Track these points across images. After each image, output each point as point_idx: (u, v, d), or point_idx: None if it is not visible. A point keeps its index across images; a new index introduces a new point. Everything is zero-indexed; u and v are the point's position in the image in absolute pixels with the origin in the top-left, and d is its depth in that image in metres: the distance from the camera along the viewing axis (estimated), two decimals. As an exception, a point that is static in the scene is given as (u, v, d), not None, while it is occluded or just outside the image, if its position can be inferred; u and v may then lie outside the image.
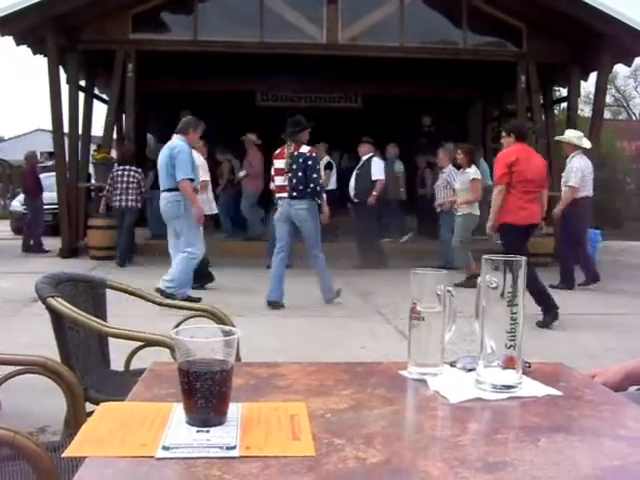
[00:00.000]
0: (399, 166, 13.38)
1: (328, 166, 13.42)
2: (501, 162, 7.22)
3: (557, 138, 10.37)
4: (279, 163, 7.85)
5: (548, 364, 1.67)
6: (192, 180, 7.71)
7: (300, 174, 7.60)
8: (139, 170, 11.67)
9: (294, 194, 7.63)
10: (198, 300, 6.90)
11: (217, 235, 13.06)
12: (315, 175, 7.66)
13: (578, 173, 9.18)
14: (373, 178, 11.04)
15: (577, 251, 9.55)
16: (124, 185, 11.41)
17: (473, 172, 9.81)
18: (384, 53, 12.72)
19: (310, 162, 7.65)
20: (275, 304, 7.68)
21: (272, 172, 8.04)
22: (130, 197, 11.41)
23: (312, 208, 7.73)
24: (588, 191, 9.41)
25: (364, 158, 11.17)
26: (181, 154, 7.62)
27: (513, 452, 1.13)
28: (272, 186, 8.15)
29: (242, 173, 13.27)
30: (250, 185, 13.07)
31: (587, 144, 9.49)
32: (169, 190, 7.73)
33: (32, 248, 13.34)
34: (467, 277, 8.98)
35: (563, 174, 9.52)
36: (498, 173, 7.19)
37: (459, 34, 12.91)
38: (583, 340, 6.50)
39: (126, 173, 11.47)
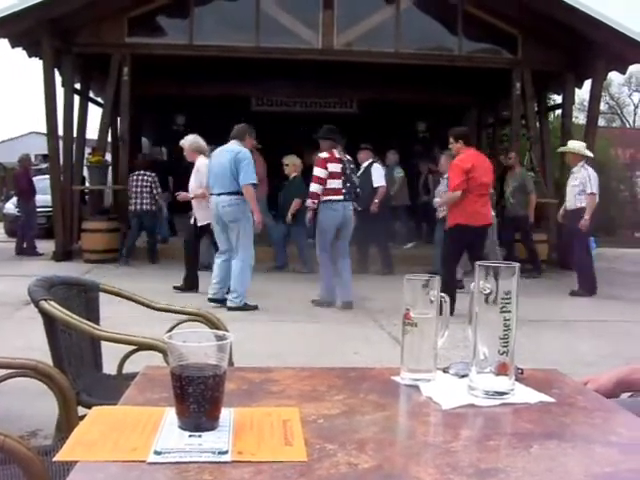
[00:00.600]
0: (398, 172, 13.37)
1: None
2: (459, 169, 7.53)
3: (562, 149, 10.42)
4: (335, 167, 8.04)
5: (541, 370, 1.67)
6: (255, 185, 7.87)
7: (354, 178, 8.22)
8: (152, 174, 11.96)
9: (348, 197, 8.09)
10: (255, 308, 7.82)
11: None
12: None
13: (595, 181, 9.42)
14: (374, 185, 11.00)
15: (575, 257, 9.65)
16: (138, 190, 11.83)
17: None
18: (379, 59, 12.75)
19: (354, 167, 8.31)
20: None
21: (322, 175, 8.01)
22: (145, 201, 11.83)
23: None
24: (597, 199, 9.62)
25: (364, 165, 11.11)
26: (247, 159, 7.73)
27: (505, 459, 1.12)
28: (318, 189, 8.07)
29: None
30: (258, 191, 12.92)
31: (590, 153, 9.70)
32: (230, 193, 7.75)
33: (25, 251, 13.31)
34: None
35: (573, 184, 9.58)
36: (457, 180, 7.51)
37: (454, 41, 12.94)
38: (578, 347, 6.51)
39: (140, 178, 11.87)
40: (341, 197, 8.01)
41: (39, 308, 2.47)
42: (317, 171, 8.01)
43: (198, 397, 1.13)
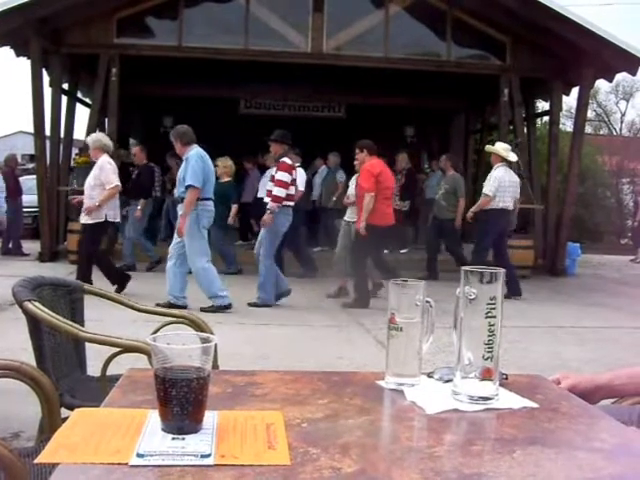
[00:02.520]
0: (341, 176, 13.21)
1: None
2: (369, 173, 8.38)
3: (486, 148, 10.42)
4: (293, 174, 8.38)
5: (525, 376, 1.68)
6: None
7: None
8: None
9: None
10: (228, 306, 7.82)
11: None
12: None
13: (495, 182, 9.32)
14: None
15: (499, 262, 9.24)
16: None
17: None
18: (368, 63, 12.77)
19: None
20: None
21: (288, 180, 8.18)
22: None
23: None
24: (505, 202, 9.43)
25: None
26: (191, 162, 7.74)
27: (489, 463, 1.13)
28: (283, 194, 8.17)
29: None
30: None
31: (513, 157, 9.66)
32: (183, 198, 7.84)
33: (11, 251, 13.23)
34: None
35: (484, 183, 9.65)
36: (369, 183, 8.34)
37: (443, 46, 12.98)
38: (562, 352, 6.53)
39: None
40: (292, 203, 8.30)
41: (23, 309, 2.45)
42: (283, 175, 8.11)
43: (182, 400, 1.13)
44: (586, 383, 1.71)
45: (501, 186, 9.34)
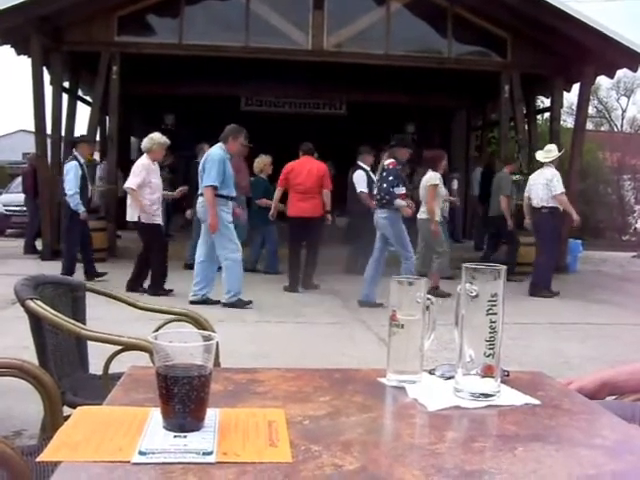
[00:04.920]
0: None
1: None
2: (282, 172, 9.83)
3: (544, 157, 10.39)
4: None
5: (527, 373, 1.68)
6: (216, 188, 8.00)
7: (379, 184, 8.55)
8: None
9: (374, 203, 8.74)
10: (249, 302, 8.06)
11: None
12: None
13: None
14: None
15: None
16: None
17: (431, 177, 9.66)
18: (369, 60, 12.76)
19: (385, 174, 8.47)
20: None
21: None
22: None
23: None
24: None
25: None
26: (210, 162, 7.95)
27: (490, 460, 1.13)
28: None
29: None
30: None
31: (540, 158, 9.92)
32: (202, 195, 8.07)
33: (31, 249, 13.12)
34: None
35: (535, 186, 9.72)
36: (279, 179, 9.88)
37: (444, 43, 12.97)
38: (563, 349, 6.53)
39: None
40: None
41: (25, 307, 2.46)
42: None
43: (183, 397, 1.13)
44: (592, 383, 1.71)
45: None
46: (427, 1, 12.70)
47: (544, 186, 9.59)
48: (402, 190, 8.36)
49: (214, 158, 7.91)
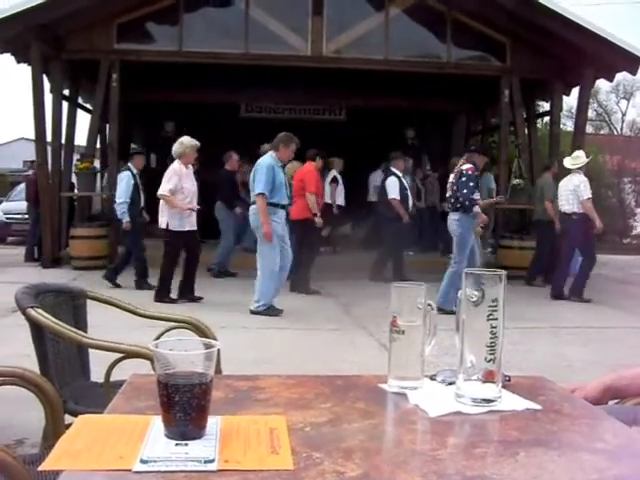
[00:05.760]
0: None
1: (333, 180, 13.45)
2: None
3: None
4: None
5: (528, 378, 1.68)
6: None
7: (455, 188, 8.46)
8: None
9: (448, 207, 8.67)
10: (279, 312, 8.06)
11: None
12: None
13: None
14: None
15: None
16: None
17: None
18: (368, 66, 12.77)
19: (464, 179, 8.42)
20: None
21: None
22: None
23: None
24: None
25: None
26: (259, 170, 8.09)
27: (492, 466, 1.13)
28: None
29: None
30: None
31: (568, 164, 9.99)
32: (253, 202, 8.15)
33: (32, 258, 13.10)
34: None
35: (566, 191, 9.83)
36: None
37: (443, 48, 12.98)
38: (565, 353, 6.53)
39: None
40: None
41: (26, 316, 2.46)
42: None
43: (184, 405, 1.13)
44: (595, 389, 1.71)
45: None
46: (426, 6, 12.71)
47: (573, 192, 9.74)
48: (478, 196, 8.53)
49: (263, 166, 7.99)
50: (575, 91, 13.43)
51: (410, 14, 12.91)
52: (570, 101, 16.53)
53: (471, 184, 8.27)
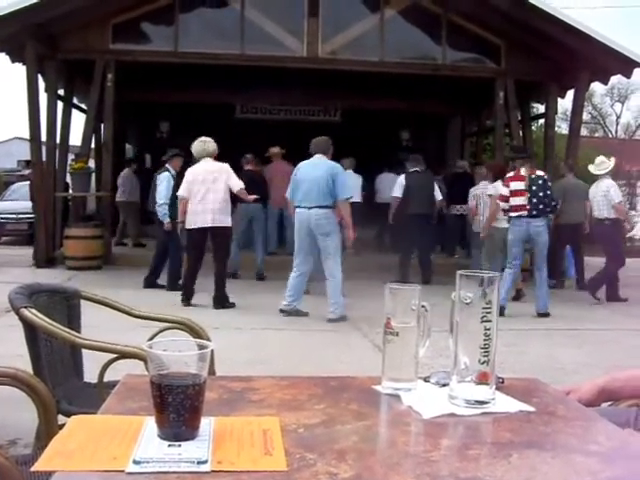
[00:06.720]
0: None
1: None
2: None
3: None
4: (518, 185, 8.53)
5: (522, 379, 1.68)
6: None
7: (541, 194, 8.45)
8: None
9: (534, 213, 8.46)
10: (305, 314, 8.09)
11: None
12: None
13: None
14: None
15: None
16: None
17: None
18: (364, 67, 12.78)
19: (550, 183, 8.69)
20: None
21: (506, 193, 8.64)
22: None
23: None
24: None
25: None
26: (342, 173, 8.19)
27: (485, 468, 1.13)
28: (506, 206, 8.70)
29: None
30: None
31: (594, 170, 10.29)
32: (324, 207, 7.92)
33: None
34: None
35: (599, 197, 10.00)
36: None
37: (438, 50, 13.00)
38: (559, 355, 6.54)
39: None
40: (525, 213, 8.48)
41: (20, 316, 2.45)
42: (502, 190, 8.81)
43: (178, 406, 1.13)
44: (589, 392, 1.71)
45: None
46: (421, 8, 12.73)
47: (603, 197, 9.91)
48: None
49: (341, 170, 8.17)
50: (570, 94, 13.48)
51: (405, 16, 12.92)
52: (565, 104, 16.57)
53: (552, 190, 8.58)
